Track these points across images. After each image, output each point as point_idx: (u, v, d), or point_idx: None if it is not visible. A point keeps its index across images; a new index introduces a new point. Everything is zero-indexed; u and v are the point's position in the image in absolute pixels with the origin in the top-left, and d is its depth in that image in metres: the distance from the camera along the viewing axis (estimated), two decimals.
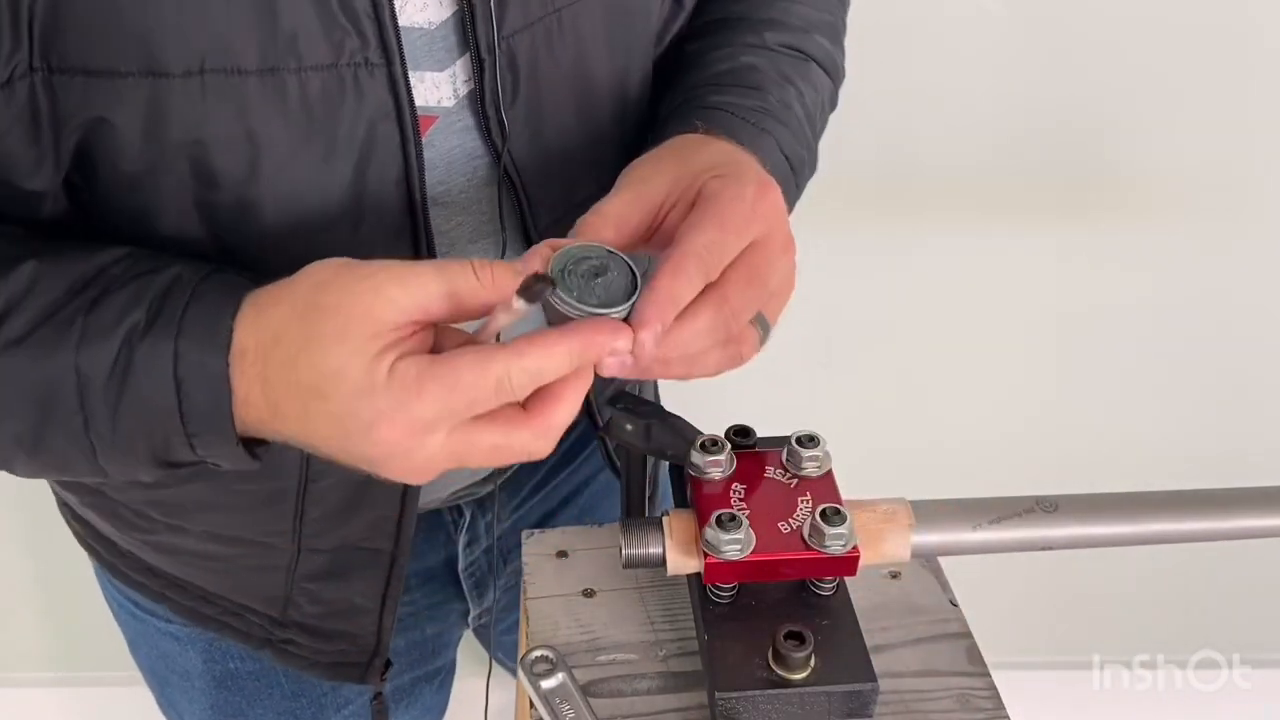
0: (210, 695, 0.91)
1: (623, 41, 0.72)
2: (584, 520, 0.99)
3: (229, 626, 0.83)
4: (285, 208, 0.60)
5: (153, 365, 0.54)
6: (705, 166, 0.59)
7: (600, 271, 0.55)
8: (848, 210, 1.31)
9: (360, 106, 0.59)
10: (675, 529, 0.65)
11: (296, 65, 0.57)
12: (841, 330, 1.48)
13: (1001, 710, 0.67)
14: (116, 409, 0.54)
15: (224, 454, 0.56)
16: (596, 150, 0.72)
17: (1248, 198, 1.39)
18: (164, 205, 0.59)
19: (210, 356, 0.53)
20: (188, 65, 0.55)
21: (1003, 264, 1.43)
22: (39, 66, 0.54)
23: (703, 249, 0.54)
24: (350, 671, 0.84)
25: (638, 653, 0.70)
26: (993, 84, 1.30)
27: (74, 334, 0.54)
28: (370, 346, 0.50)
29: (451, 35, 0.63)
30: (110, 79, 0.54)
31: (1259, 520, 0.68)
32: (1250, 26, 1.27)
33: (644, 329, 0.52)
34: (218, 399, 0.54)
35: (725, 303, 0.55)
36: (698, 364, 0.58)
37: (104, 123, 0.55)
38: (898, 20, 1.25)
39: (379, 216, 0.63)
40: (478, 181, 0.68)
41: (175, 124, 0.56)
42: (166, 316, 0.54)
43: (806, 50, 0.77)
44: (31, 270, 0.56)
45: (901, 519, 0.65)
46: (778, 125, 0.72)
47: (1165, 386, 1.54)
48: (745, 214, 0.56)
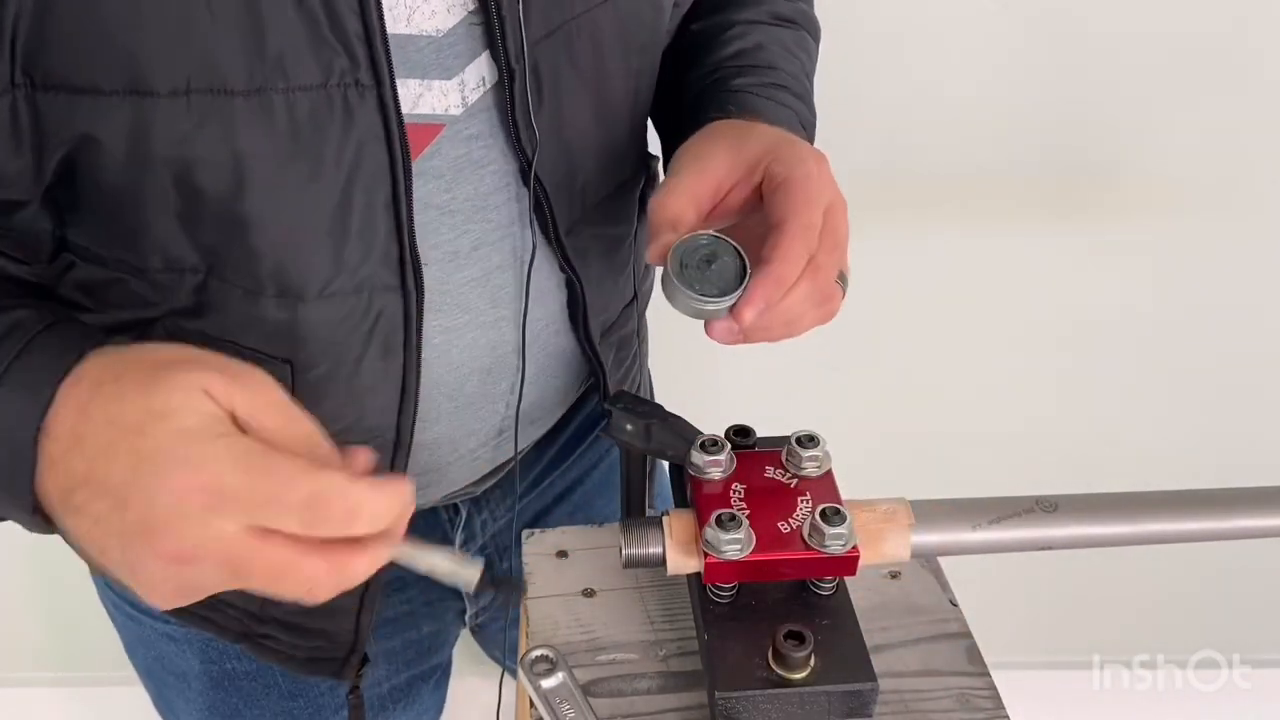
0: (207, 696, 0.91)
1: (637, 43, 0.73)
2: (580, 515, 1.00)
3: (209, 620, 0.83)
4: (272, 225, 0.60)
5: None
6: (760, 150, 0.65)
7: (712, 259, 0.61)
8: (849, 209, 1.30)
9: (349, 127, 0.59)
10: (675, 529, 0.65)
11: (284, 85, 0.56)
12: (841, 330, 1.47)
13: (1001, 710, 0.67)
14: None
15: (16, 515, 0.53)
16: (612, 151, 0.74)
17: (1248, 198, 1.39)
18: (148, 220, 0.59)
19: (27, 415, 0.50)
20: (174, 85, 0.54)
21: (1003, 264, 1.43)
22: (21, 82, 0.53)
23: (803, 230, 0.61)
24: (326, 667, 0.84)
25: (638, 653, 0.70)
26: (993, 84, 1.30)
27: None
28: (209, 407, 0.48)
29: (461, 43, 0.63)
30: (94, 96, 0.54)
31: (1259, 520, 0.68)
32: (1250, 26, 1.27)
33: (749, 307, 0.59)
34: (19, 459, 0.50)
35: (818, 270, 0.62)
36: (796, 325, 0.64)
37: (89, 139, 0.55)
38: (898, 20, 1.25)
39: (366, 237, 0.63)
40: (485, 189, 0.68)
41: (160, 142, 0.55)
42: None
43: (794, 19, 0.84)
44: None
45: (901, 519, 0.65)
46: (793, 99, 0.78)
47: (1165, 386, 1.54)
48: (817, 189, 0.63)
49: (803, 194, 0.62)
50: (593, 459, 0.99)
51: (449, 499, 0.90)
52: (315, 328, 0.64)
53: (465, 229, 0.68)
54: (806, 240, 0.61)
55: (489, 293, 0.71)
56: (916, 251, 1.42)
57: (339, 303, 0.63)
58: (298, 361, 0.65)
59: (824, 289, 0.63)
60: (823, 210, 0.62)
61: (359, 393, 0.67)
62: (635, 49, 0.73)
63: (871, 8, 1.23)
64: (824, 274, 0.62)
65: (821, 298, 0.63)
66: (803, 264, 0.61)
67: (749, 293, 0.60)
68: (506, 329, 0.73)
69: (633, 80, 0.74)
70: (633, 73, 0.73)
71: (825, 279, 0.62)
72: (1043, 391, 1.55)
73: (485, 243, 0.70)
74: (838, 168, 0.67)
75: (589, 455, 0.99)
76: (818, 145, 0.80)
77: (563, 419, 0.91)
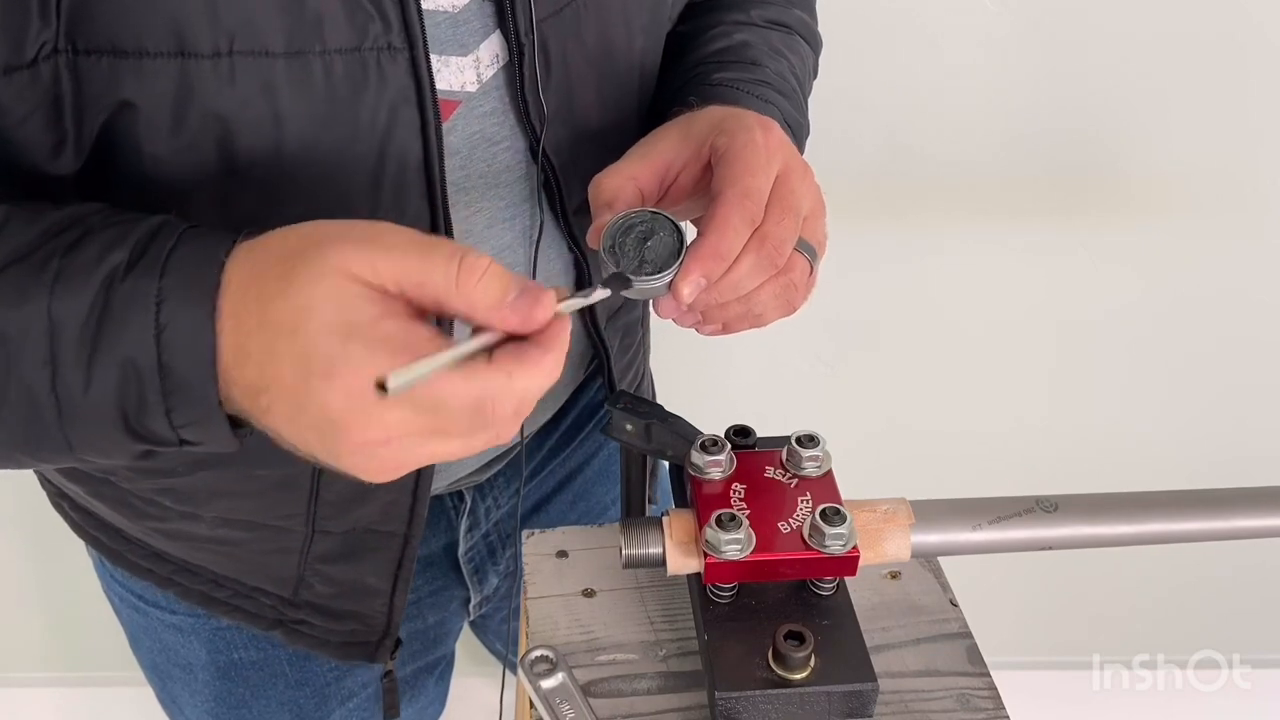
0: (213, 687, 0.91)
1: (640, 22, 0.74)
2: (580, 504, 1.00)
3: (240, 610, 0.83)
4: (308, 190, 0.60)
5: (132, 309, 0.49)
6: (707, 128, 0.62)
7: (648, 235, 0.58)
8: (848, 210, 1.30)
9: (382, 90, 0.59)
10: (675, 529, 0.65)
11: (321, 48, 0.57)
12: (842, 330, 1.48)
13: (1001, 710, 0.67)
14: (90, 361, 0.50)
15: (202, 422, 0.51)
16: (619, 128, 0.74)
17: (1248, 197, 1.39)
18: (186, 188, 0.59)
19: (199, 303, 0.49)
20: (217, 46, 0.54)
21: (1003, 264, 1.43)
22: (64, 48, 0.53)
23: (741, 197, 0.58)
24: (360, 651, 0.84)
25: (638, 653, 0.70)
26: (993, 85, 1.30)
27: (48, 275, 0.50)
28: (351, 289, 0.47)
29: (475, 20, 0.64)
30: (139, 59, 0.53)
31: (1259, 520, 0.68)
32: (1250, 27, 1.27)
33: (685, 281, 0.56)
34: (200, 350, 0.49)
35: (765, 239, 0.58)
36: (755, 302, 0.61)
37: (129, 106, 0.55)
38: (898, 20, 1.25)
39: (398, 202, 0.63)
40: (497, 167, 0.69)
41: (202, 105, 0.55)
42: (151, 256, 0.50)
43: (788, 23, 0.82)
44: (1, 212, 0.52)
45: (901, 519, 0.65)
46: (778, 96, 0.76)
47: (1165, 386, 1.54)
48: (762, 154, 0.60)
49: (742, 161, 0.59)
50: (592, 448, 1.00)
51: (454, 487, 0.90)
52: None
53: (480, 206, 0.69)
54: (745, 209, 0.58)
55: None
56: (916, 251, 1.42)
57: None
58: None
59: (774, 259, 0.59)
60: (770, 177, 0.60)
61: None
62: (639, 29, 0.74)
63: (871, 8, 1.23)
64: (772, 242, 0.59)
65: (773, 268, 0.60)
66: (744, 233, 0.58)
67: (685, 266, 0.57)
68: None
69: (638, 61, 0.74)
70: (638, 53, 0.74)
71: (775, 247, 0.59)
72: (1042, 391, 1.55)
73: (497, 221, 0.70)
74: (838, 168, 0.67)
75: (588, 444, 0.99)
76: (819, 145, 0.81)
77: (562, 408, 0.92)
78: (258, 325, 0.48)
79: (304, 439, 0.49)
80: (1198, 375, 1.53)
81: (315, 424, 0.48)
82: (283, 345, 0.47)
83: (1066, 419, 1.57)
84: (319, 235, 0.49)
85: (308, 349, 0.46)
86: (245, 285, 0.49)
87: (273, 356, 0.47)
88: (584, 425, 0.98)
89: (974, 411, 1.56)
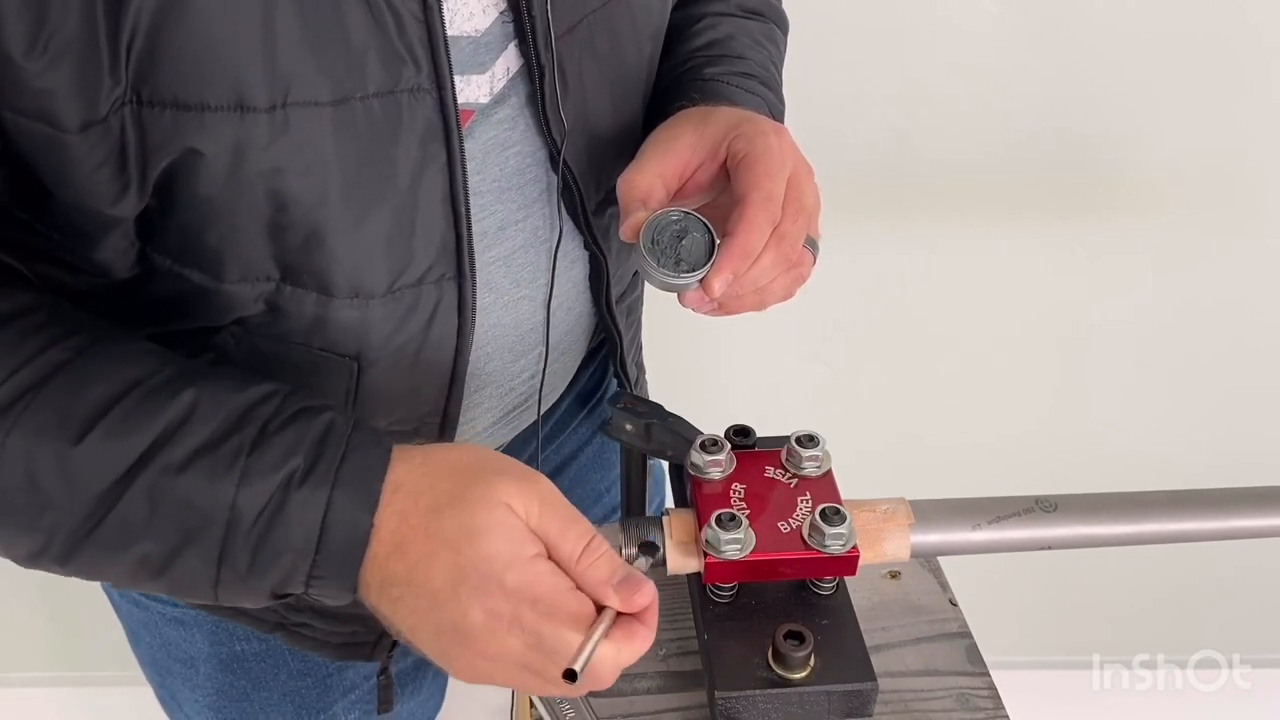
0: (215, 680, 0.91)
1: (648, 31, 0.76)
2: (577, 490, 1.00)
3: (242, 613, 0.84)
4: (350, 229, 0.62)
5: (305, 512, 0.56)
6: (723, 130, 0.68)
7: (683, 234, 0.65)
8: (848, 210, 1.30)
9: (413, 128, 0.61)
10: (675, 529, 0.65)
11: (362, 94, 0.59)
12: (842, 330, 1.48)
13: (1001, 710, 0.67)
14: (257, 548, 0.56)
15: (332, 595, 0.58)
16: (628, 128, 0.76)
17: (1247, 197, 1.39)
18: (237, 231, 0.61)
19: (361, 513, 0.56)
20: (273, 99, 0.56)
21: (1003, 263, 1.43)
22: (130, 99, 0.54)
23: (765, 200, 0.64)
24: (358, 651, 0.85)
25: None
26: (992, 84, 1.30)
27: (235, 472, 0.56)
28: (512, 522, 0.55)
29: (496, 41, 0.66)
30: (200, 113, 0.55)
31: (1259, 520, 0.68)
32: (1246, 27, 1.27)
33: (718, 277, 0.63)
34: (354, 551, 0.56)
35: (783, 238, 0.65)
36: (768, 293, 0.67)
37: (193, 153, 0.56)
38: (898, 21, 1.25)
39: (428, 231, 0.65)
40: (509, 171, 0.70)
41: (257, 154, 0.57)
42: (324, 466, 0.57)
43: (762, 11, 0.87)
44: (191, 398, 0.58)
45: (901, 519, 0.65)
46: (762, 87, 0.81)
47: (1165, 386, 1.54)
48: (779, 158, 0.66)
49: (763, 166, 0.65)
50: (585, 434, 1.00)
51: None
52: (381, 324, 0.66)
53: (493, 210, 0.70)
54: (769, 210, 0.64)
55: (512, 272, 0.73)
56: (916, 251, 1.42)
57: (404, 297, 0.66)
58: (364, 358, 0.66)
59: (790, 255, 0.66)
60: (785, 179, 0.66)
61: (417, 381, 0.69)
62: (647, 36, 0.76)
63: (871, 8, 1.23)
64: (789, 241, 0.65)
65: (789, 264, 0.66)
66: (767, 233, 0.64)
67: (717, 265, 0.63)
68: (527, 307, 0.75)
69: (645, 65, 0.77)
70: (645, 58, 0.77)
71: (791, 245, 0.66)
72: (1042, 391, 1.55)
73: (510, 223, 0.71)
74: (838, 168, 0.68)
75: (582, 430, 1.00)
76: (819, 145, 0.81)
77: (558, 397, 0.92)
78: (425, 534, 0.56)
79: (420, 632, 0.57)
80: (1198, 375, 1.53)
81: (446, 628, 0.56)
82: (445, 556, 0.55)
83: (1066, 419, 1.57)
84: (484, 462, 0.58)
85: (467, 566, 0.54)
86: (417, 492, 0.57)
87: (430, 562, 0.55)
88: (578, 412, 0.98)
89: (973, 411, 1.56)
